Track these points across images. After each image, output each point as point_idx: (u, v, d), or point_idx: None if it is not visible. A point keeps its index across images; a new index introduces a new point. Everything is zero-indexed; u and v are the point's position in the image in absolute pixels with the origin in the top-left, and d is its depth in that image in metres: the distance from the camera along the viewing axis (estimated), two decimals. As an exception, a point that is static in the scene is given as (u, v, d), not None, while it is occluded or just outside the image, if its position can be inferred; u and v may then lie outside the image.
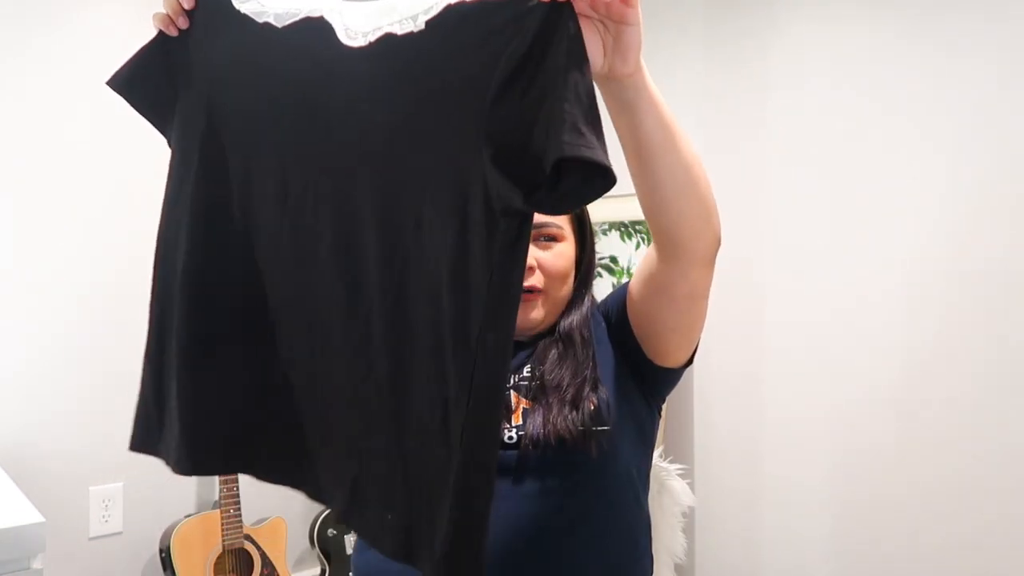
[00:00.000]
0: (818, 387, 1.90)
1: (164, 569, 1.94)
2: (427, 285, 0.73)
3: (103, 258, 1.99)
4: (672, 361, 1.01)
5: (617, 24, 0.70)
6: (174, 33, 0.88)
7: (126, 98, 0.93)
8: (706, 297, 0.95)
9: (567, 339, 1.02)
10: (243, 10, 0.84)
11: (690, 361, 1.04)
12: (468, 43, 0.70)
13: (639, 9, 0.69)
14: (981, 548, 1.62)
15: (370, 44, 0.75)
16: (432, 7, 0.72)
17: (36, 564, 1.28)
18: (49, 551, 1.88)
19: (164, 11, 0.88)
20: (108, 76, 0.92)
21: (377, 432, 0.78)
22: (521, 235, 0.68)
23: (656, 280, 0.93)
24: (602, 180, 0.63)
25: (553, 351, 1.02)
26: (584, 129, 0.63)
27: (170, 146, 0.94)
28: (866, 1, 1.81)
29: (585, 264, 1.10)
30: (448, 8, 0.71)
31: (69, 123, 1.93)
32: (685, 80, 2.17)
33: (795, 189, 1.94)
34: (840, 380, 1.85)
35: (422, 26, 0.72)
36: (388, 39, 0.74)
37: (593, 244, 1.13)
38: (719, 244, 0.90)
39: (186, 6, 0.87)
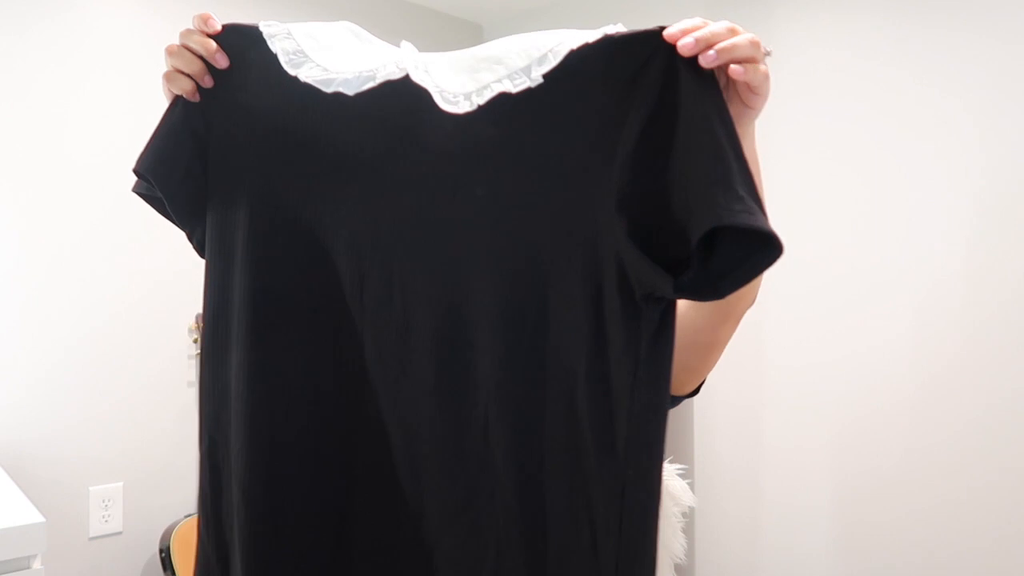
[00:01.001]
0: (819, 386, 1.89)
1: (164, 569, 1.94)
2: (558, 385, 0.62)
3: (103, 258, 1.99)
4: (679, 392, 0.98)
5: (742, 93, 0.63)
6: (196, 98, 0.72)
7: (159, 187, 0.74)
8: (727, 344, 0.91)
9: None
10: (302, 77, 0.69)
11: (696, 391, 1.01)
12: (593, 96, 0.60)
13: (765, 96, 0.63)
14: (980, 551, 1.62)
15: (479, 108, 0.63)
16: (547, 55, 0.62)
17: (36, 564, 1.28)
18: (49, 551, 1.88)
19: (176, 68, 0.70)
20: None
21: (506, 568, 0.65)
22: (666, 322, 0.60)
23: (682, 324, 0.89)
24: (767, 252, 0.53)
25: None
26: (739, 190, 0.52)
27: (194, 243, 0.78)
28: (868, 4, 1.81)
29: None
30: (571, 55, 0.61)
31: (73, 123, 1.93)
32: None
33: (796, 189, 1.94)
34: (842, 382, 1.85)
35: (540, 80, 0.62)
36: (502, 100, 0.63)
37: None
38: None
39: (220, 64, 0.70)
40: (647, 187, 0.57)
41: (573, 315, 0.61)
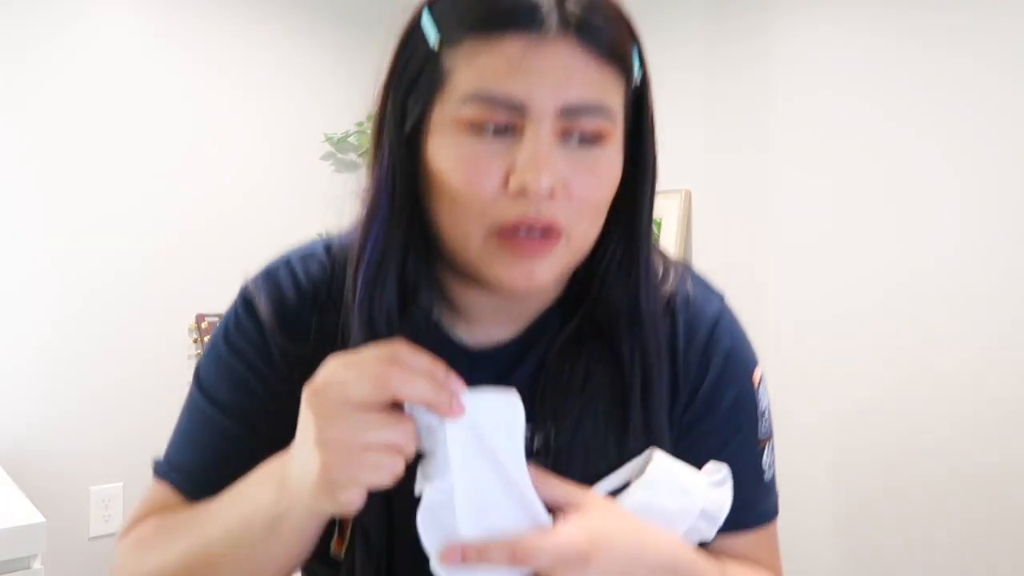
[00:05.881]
0: (819, 388, 1.89)
1: (164, 569, 1.94)
2: None
3: (105, 259, 1.99)
4: None
5: None
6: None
7: None
8: None
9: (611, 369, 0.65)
10: None
11: None
12: None
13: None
14: (983, 546, 1.62)
15: None
16: None
17: (36, 564, 1.28)
18: (49, 551, 1.88)
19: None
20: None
21: None
22: None
23: None
24: None
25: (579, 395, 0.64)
26: None
27: None
28: (867, 4, 1.81)
29: (644, 185, 0.63)
30: None
31: (77, 124, 1.93)
32: (687, 80, 2.16)
33: (797, 190, 1.94)
34: (841, 380, 1.85)
35: None
36: None
37: (655, 148, 0.64)
38: None
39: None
40: None
41: None
